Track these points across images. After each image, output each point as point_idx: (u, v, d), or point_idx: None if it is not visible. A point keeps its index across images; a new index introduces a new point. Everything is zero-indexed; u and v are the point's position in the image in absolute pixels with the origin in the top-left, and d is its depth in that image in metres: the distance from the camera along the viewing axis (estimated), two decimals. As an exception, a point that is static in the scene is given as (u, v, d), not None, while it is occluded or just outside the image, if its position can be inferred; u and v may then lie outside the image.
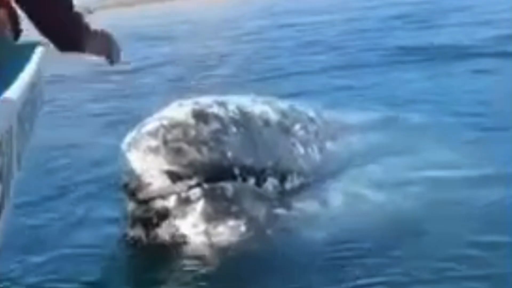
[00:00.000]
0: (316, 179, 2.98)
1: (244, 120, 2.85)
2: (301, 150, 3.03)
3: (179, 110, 2.74)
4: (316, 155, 3.11)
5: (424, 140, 3.46)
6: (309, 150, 3.08)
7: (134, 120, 3.00)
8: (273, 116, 3.02)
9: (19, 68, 2.02)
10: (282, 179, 2.88)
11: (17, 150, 1.69)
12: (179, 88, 7.63)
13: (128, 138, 2.69)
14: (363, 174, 3.04)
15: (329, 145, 3.25)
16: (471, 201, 2.89)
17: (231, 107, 2.87)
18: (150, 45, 16.11)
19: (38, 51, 2.30)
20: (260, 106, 3.04)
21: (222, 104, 2.85)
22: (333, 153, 3.21)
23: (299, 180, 2.94)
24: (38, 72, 2.13)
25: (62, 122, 6.09)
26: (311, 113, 3.33)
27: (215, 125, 2.70)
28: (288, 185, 2.90)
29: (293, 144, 3.01)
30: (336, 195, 2.89)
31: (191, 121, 2.66)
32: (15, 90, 1.76)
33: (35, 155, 2.49)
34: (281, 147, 2.94)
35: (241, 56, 11.08)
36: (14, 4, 2.19)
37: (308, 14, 21.95)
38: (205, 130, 2.66)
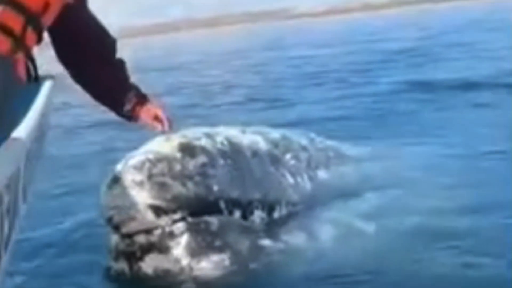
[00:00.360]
0: (305, 209, 2.91)
1: (232, 152, 2.81)
2: (291, 180, 2.98)
3: (165, 144, 2.70)
4: (306, 185, 3.05)
5: (418, 172, 3.40)
6: (299, 179, 3.03)
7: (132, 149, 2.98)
8: (263, 146, 2.98)
9: (28, 102, 2.00)
10: (270, 210, 2.82)
11: (23, 185, 1.69)
12: (181, 117, 7.75)
13: (113, 171, 2.65)
14: (354, 205, 2.98)
15: (321, 173, 3.19)
16: (463, 232, 2.83)
17: (220, 138, 2.83)
18: (154, 75, 16.50)
19: (47, 85, 2.25)
20: (250, 137, 3.01)
21: (210, 136, 2.82)
22: (325, 182, 3.14)
23: (287, 211, 2.88)
24: (46, 107, 2.10)
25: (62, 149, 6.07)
26: (304, 141, 3.29)
27: (201, 158, 2.67)
28: (275, 216, 2.84)
29: (283, 175, 2.96)
30: (325, 226, 2.81)
31: (177, 155, 2.63)
32: (25, 129, 1.75)
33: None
34: (270, 178, 2.89)
35: (246, 85, 11.28)
36: (35, 48, 2.20)
37: (313, 47, 22.37)
38: (191, 164, 2.63)
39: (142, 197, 2.54)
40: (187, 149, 2.67)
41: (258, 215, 2.76)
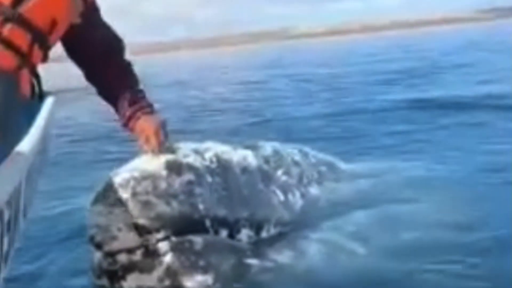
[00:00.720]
0: (295, 228, 2.81)
1: (221, 169, 2.73)
2: (281, 197, 2.89)
3: (152, 161, 2.62)
4: (297, 202, 2.96)
5: (412, 191, 3.32)
6: (290, 196, 2.94)
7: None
8: (254, 162, 2.90)
9: (31, 119, 2.02)
10: (258, 228, 2.73)
11: (25, 200, 1.71)
12: (180, 132, 7.76)
13: (98, 189, 2.57)
14: (345, 223, 2.88)
15: (312, 190, 3.10)
16: (454, 252, 2.76)
17: (209, 155, 2.76)
18: (154, 92, 16.50)
19: (49, 101, 2.27)
20: (240, 152, 2.93)
21: (199, 153, 2.74)
22: (316, 199, 3.05)
23: (276, 229, 2.78)
24: (48, 123, 2.12)
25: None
26: (296, 156, 3.21)
27: (188, 176, 2.59)
28: (264, 235, 2.74)
29: (273, 192, 2.88)
30: (314, 245, 2.71)
31: (163, 172, 2.56)
32: (27, 145, 1.77)
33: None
34: (259, 196, 2.81)
35: (245, 102, 11.31)
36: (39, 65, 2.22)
37: (312, 66, 22.52)
38: (177, 182, 2.55)
39: (125, 216, 2.46)
40: (174, 167, 2.60)
41: (245, 234, 2.67)
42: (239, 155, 2.89)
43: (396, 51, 28.05)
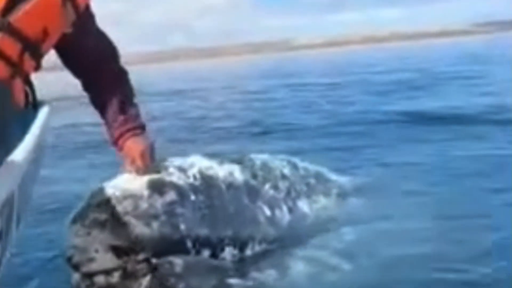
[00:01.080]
0: (280, 244, 2.75)
1: (205, 186, 2.68)
2: (268, 213, 2.83)
3: (134, 180, 2.57)
4: (284, 217, 2.91)
5: (404, 208, 3.28)
6: (277, 212, 2.88)
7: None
8: (240, 177, 2.85)
9: (25, 128, 2.02)
10: (242, 246, 2.67)
11: (17, 210, 1.70)
12: (178, 142, 7.77)
13: (77, 209, 2.51)
14: (332, 239, 2.81)
15: (301, 204, 3.05)
16: (442, 272, 2.67)
17: (193, 171, 2.70)
18: (153, 101, 16.57)
19: (44, 110, 2.26)
20: (227, 167, 2.87)
21: (183, 170, 2.69)
22: (304, 213, 3.00)
23: (261, 246, 2.73)
24: (43, 132, 2.10)
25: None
26: (285, 169, 3.17)
27: (170, 196, 2.54)
28: (248, 252, 2.68)
29: (259, 207, 2.82)
30: (299, 263, 2.65)
31: (145, 192, 2.51)
32: (20, 154, 1.76)
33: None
34: (245, 213, 2.74)
35: (244, 112, 11.32)
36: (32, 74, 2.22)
37: (313, 76, 22.57)
38: (159, 203, 2.50)
39: (104, 237, 2.40)
40: (156, 186, 2.55)
41: (229, 252, 2.62)
42: (225, 170, 2.83)
43: (395, 62, 28.14)
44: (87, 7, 2.36)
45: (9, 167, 1.64)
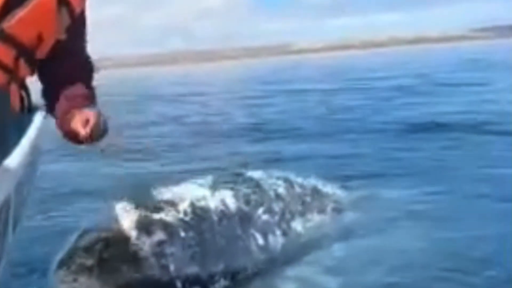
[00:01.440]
0: (272, 267, 2.70)
1: (196, 221, 2.63)
2: (261, 240, 2.79)
3: (121, 220, 2.49)
4: (277, 241, 2.87)
5: (399, 219, 3.23)
6: (270, 237, 2.84)
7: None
8: (232, 205, 2.80)
9: (21, 132, 2.00)
10: (234, 276, 2.63)
11: (14, 214, 1.70)
12: (181, 148, 7.84)
13: (62, 252, 2.42)
14: (326, 259, 2.76)
15: (295, 225, 3.01)
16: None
17: (184, 206, 2.65)
18: (152, 106, 16.57)
19: (39, 115, 2.23)
20: (219, 195, 2.81)
21: (174, 205, 2.63)
22: (298, 235, 2.96)
23: (252, 271, 2.68)
24: (38, 137, 2.08)
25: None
26: (280, 188, 3.11)
27: (159, 235, 2.49)
28: (240, 277, 2.64)
29: (252, 235, 2.78)
30: (289, 283, 2.60)
31: (133, 233, 2.45)
32: (16, 159, 1.75)
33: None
34: (237, 243, 2.70)
35: (243, 117, 11.31)
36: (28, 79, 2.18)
37: (311, 82, 22.57)
38: (147, 244, 2.44)
39: (91, 284, 2.32)
40: (145, 226, 2.48)
41: (220, 285, 2.56)
42: (217, 199, 2.78)
43: (395, 67, 28.15)
44: (82, 12, 2.29)
45: (5, 170, 1.62)
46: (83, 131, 2.03)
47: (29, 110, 2.24)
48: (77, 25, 2.26)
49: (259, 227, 2.83)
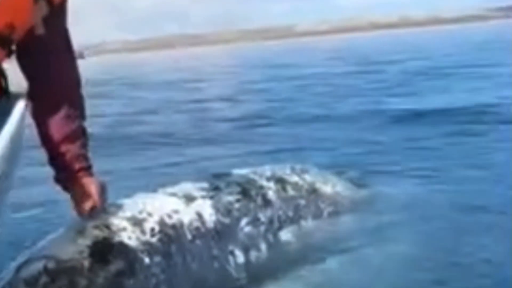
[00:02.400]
0: (253, 281, 2.49)
1: (165, 242, 2.32)
2: (240, 258, 2.52)
3: (73, 244, 2.18)
4: (261, 256, 2.61)
5: (399, 228, 2.98)
6: (253, 252, 2.58)
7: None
8: (210, 219, 2.52)
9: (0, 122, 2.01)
10: None
11: None
12: (178, 136, 7.82)
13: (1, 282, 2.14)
14: (312, 270, 2.57)
15: (283, 234, 2.74)
16: None
17: (151, 223, 2.33)
18: (147, 92, 16.51)
19: (20, 105, 2.17)
20: (196, 206, 2.53)
21: (138, 223, 2.31)
22: (286, 246, 2.72)
23: None
24: (19, 126, 2.06)
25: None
26: (270, 192, 2.83)
27: (117, 264, 2.18)
28: None
29: (231, 253, 2.51)
30: None
31: (85, 262, 2.13)
32: None
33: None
34: (212, 265, 2.44)
35: (242, 104, 11.25)
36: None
37: (314, 66, 22.48)
38: (102, 276, 2.13)
39: None
40: (100, 252, 2.17)
41: None
42: (192, 212, 2.48)
43: (406, 50, 27.95)
44: (63, 2, 2.29)
45: None
46: (85, 209, 2.32)
47: (6, 94, 2.23)
48: (57, 16, 2.27)
49: (240, 243, 2.56)
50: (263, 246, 2.63)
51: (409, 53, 24.59)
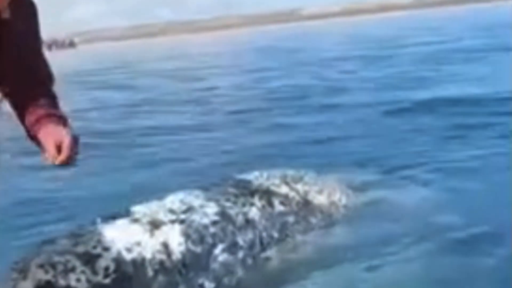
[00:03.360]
0: None
1: (121, 282, 2.09)
2: None
3: None
4: (233, 280, 2.42)
5: (394, 241, 2.86)
6: (226, 280, 2.38)
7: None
8: (179, 248, 2.28)
9: None
10: None
11: None
12: (177, 126, 7.93)
13: None
14: None
15: (265, 255, 2.55)
16: None
17: (106, 260, 2.09)
18: (143, 81, 16.45)
19: None
20: (164, 232, 2.29)
21: (90, 260, 2.06)
22: (267, 266, 2.54)
23: None
24: None
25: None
26: (254, 210, 2.61)
27: None
28: None
29: (200, 286, 2.30)
30: None
31: None
32: None
33: None
34: None
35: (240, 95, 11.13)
36: None
37: (320, 51, 22.34)
38: None
39: None
40: None
41: None
42: (158, 242, 2.25)
43: (418, 34, 27.66)
44: None
45: None
46: (56, 158, 2.09)
47: None
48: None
49: (211, 275, 2.35)
50: (240, 272, 2.44)
51: (421, 37, 24.31)
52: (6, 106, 2.35)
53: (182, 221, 2.39)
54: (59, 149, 2.09)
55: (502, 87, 7.93)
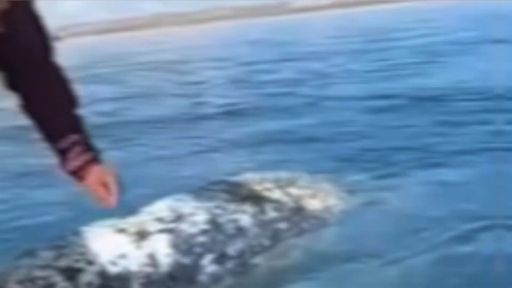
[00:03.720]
0: None
1: None
2: None
3: None
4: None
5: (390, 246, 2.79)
6: None
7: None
8: (165, 261, 2.21)
9: None
10: None
11: None
12: (171, 119, 7.95)
13: None
14: None
15: (255, 261, 2.48)
16: None
17: (91, 272, 2.03)
18: (134, 75, 16.36)
19: None
20: (148, 246, 2.22)
21: (74, 274, 2.02)
22: (254, 275, 2.48)
23: None
24: None
25: None
26: (245, 218, 2.54)
27: None
28: None
29: None
30: None
31: None
32: None
33: None
34: None
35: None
36: None
37: (311, 45, 22.32)
38: None
39: None
40: None
41: None
42: (143, 254, 2.18)
43: (416, 26, 27.62)
44: None
45: None
46: (111, 201, 2.03)
47: None
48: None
49: (200, 287, 2.28)
50: (227, 280, 2.37)
51: (419, 30, 24.24)
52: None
53: (170, 231, 2.33)
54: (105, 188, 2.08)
55: (494, 81, 7.85)
